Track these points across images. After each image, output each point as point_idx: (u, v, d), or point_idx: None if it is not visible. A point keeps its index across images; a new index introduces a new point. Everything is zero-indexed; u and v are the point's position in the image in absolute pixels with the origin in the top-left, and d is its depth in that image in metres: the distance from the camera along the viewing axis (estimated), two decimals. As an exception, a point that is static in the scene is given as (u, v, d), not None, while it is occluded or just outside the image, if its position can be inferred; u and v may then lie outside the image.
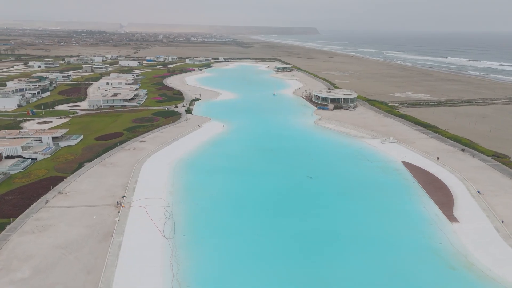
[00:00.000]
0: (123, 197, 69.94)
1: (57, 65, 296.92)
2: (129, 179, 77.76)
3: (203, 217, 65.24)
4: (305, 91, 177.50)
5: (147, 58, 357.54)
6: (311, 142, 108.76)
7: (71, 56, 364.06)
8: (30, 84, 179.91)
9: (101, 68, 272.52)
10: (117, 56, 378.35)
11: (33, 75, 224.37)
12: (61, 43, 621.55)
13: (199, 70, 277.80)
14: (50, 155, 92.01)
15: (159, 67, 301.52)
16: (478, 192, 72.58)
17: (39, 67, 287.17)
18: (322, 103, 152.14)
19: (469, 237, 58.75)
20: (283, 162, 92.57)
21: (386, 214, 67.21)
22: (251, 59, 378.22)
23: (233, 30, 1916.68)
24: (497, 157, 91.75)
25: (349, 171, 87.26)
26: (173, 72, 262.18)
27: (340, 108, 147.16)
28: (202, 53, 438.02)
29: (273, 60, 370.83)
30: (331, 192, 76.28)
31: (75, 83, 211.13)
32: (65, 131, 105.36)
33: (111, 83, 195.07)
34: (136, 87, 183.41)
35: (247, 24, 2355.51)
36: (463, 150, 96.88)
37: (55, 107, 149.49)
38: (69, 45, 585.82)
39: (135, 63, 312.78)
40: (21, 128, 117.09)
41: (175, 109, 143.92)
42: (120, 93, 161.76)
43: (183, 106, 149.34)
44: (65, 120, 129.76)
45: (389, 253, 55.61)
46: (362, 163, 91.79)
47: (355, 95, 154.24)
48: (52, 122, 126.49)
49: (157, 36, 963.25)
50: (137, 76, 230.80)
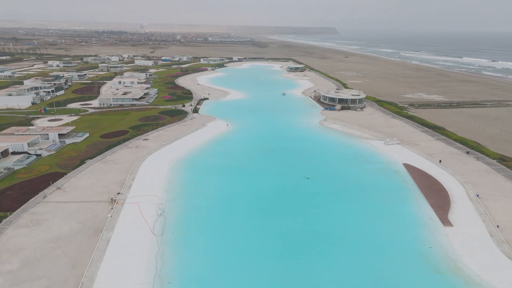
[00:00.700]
0: (119, 193, 71.21)
1: (75, 64, 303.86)
2: (127, 176, 79.11)
3: (195, 215, 65.84)
4: (314, 91, 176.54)
5: (163, 57, 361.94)
6: (313, 142, 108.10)
7: (89, 55, 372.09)
8: (45, 82, 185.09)
9: (117, 67, 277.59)
10: (134, 55, 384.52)
11: (50, 74, 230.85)
12: (82, 43, 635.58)
13: (212, 69, 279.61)
14: (54, 152, 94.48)
15: (173, 66, 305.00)
16: (477, 196, 70.77)
17: (57, 66, 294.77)
18: (329, 104, 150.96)
19: (461, 242, 57.38)
20: (282, 162, 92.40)
21: (379, 216, 66.30)
22: (265, 59, 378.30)
23: (251, 30, 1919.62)
24: (503, 160, 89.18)
25: (347, 172, 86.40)
26: (186, 71, 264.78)
27: (347, 108, 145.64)
28: (218, 53, 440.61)
29: (287, 60, 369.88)
30: (326, 193, 75.71)
31: (90, 82, 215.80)
32: (71, 128, 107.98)
33: (124, 82, 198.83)
34: (147, 86, 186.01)
35: (265, 24, 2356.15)
36: (468, 152, 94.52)
37: (67, 105, 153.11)
38: (90, 45, 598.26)
39: (150, 63, 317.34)
40: (32, 125, 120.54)
41: (183, 108, 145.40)
42: (130, 92, 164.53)
43: (191, 105, 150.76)
44: (75, 117, 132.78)
45: (376, 255, 54.86)
46: (362, 164, 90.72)
47: (363, 96, 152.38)
48: (62, 119, 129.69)
49: (175, 36, 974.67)
50: (150, 75, 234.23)
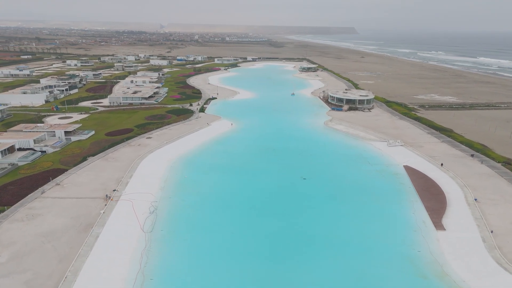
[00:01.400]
0: (114, 190, 72.54)
1: (92, 64, 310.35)
2: (125, 174, 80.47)
3: (186, 213, 66.48)
4: (323, 91, 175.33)
5: (178, 57, 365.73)
6: (316, 143, 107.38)
7: (107, 55, 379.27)
8: (60, 81, 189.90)
9: (131, 66, 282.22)
10: (150, 55, 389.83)
11: (66, 73, 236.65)
12: (102, 43, 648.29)
13: (224, 69, 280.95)
14: (59, 149, 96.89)
15: (187, 66, 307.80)
16: (475, 200, 69.04)
17: (75, 65, 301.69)
18: (337, 104, 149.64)
19: (451, 246, 56.08)
20: (282, 162, 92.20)
21: (371, 218, 65.45)
22: (279, 59, 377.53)
23: (270, 30, 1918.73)
24: (508, 164, 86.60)
25: (345, 173, 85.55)
26: (198, 71, 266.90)
27: (355, 109, 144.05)
28: (233, 53, 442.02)
29: (302, 60, 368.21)
30: (321, 194, 75.16)
31: (104, 81, 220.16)
32: (77, 126, 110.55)
33: (136, 81, 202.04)
34: (157, 85, 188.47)
35: (284, 24, 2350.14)
36: (472, 155, 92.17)
37: (78, 104, 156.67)
38: (109, 45, 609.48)
39: (165, 62, 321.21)
40: (42, 122, 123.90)
41: (190, 108, 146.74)
42: (140, 91, 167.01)
43: (198, 104, 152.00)
44: (85, 115, 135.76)
45: (361, 258, 54.21)
46: (361, 166, 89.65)
47: (371, 96, 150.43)
48: (72, 117, 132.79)
49: (193, 36, 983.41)
50: (162, 74, 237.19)
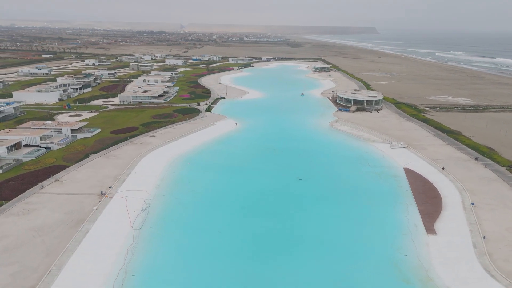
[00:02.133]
0: (110, 187, 73.91)
1: (109, 63, 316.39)
2: (123, 171, 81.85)
3: (177, 212, 67.19)
4: (332, 92, 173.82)
5: (193, 57, 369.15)
6: (318, 144, 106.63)
7: (124, 54, 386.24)
8: (74, 80, 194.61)
9: (146, 66, 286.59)
10: (166, 55, 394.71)
11: (82, 72, 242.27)
12: (122, 43, 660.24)
13: (237, 69, 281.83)
14: (64, 146, 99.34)
15: (202, 66, 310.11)
16: (472, 204, 67.19)
17: (93, 64, 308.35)
18: (344, 105, 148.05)
19: (440, 251, 54.81)
20: (280, 162, 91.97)
21: (362, 220, 64.64)
22: (294, 59, 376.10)
23: (288, 30, 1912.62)
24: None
25: (343, 175, 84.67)
26: (211, 71, 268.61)
27: (362, 110, 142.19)
28: (250, 53, 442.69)
29: (316, 60, 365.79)
30: (315, 195, 74.61)
31: (118, 79, 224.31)
32: (84, 124, 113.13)
33: (148, 81, 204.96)
34: (168, 84, 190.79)
35: (303, 23, 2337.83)
36: (476, 159, 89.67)
37: (90, 102, 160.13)
38: (128, 45, 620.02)
39: (180, 62, 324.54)
40: (53, 120, 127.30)
41: (197, 107, 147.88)
42: (150, 90, 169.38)
43: (206, 104, 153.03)
44: (95, 114, 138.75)
45: (346, 261, 53.65)
46: (360, 167, 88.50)
47: (380, 97, 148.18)
48: (82, 115, 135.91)
49: (211, 36, 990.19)
50: (175, 74, 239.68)
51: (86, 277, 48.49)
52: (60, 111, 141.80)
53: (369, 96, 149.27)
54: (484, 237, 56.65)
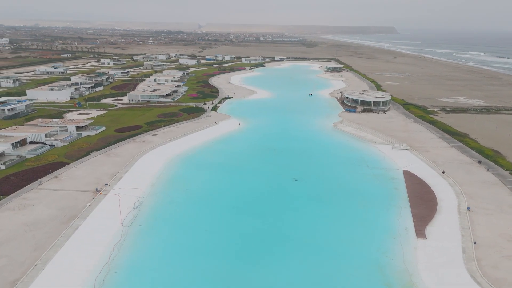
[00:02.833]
0: (106, 184, 75.11)
1: (124, 62, 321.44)
2: (121, 169, 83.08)
3: (168, 210, 67.76)
4: (340, 92, 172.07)
5: (207, 57, 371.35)
6: (319, 144, 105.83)
7: (139, 54, 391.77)
8: (87, 79, 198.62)
9: (159, 65, 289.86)
10: (181, 54, 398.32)
11: (96, 71, 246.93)
12: (139, 42, 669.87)
13: (249, 69, 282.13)
14: (68, 143, 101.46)
15: (214, 65, 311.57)
16: (467, 208, 65.52)
17: (108, 64, 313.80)
18: (351, 105, 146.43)
19: (427, 256, 53.62)
20: (278, 162, 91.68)
21: (352, 222, 63.86)
22: (307, 59, 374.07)
23: (306, 29, 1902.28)
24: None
25: (340, 176, 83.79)
26: (223, 70, 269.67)
27: (369, 111, 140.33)
28: (265, 53, 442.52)
29: (330, 60, 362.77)
30: (308, 196, 74.06)
31: (130, 79, 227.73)
32: (89, 122, 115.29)
33: (158, 80, 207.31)
34: (178, 84, 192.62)
35: (321, 23, 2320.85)
36: (480, 162, 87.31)
37: (100, 101, 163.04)
38: (145, 44, 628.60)
39: (193, 62, 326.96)
40: (62, 117, 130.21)
41: (203, 106, 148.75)
42: (159, 89, 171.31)
43: (212, 103, 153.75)
44: (103, 112, 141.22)
45: (330, 263, 53.11)
46: (359, 169, 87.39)
47: (388, 98, 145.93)
48: (91, 113, 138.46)
49: (228, 36, 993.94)
50: (186, 73, 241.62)
51: (69, 272, 49.43)
52: (70, 109, 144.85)
53: (377, 96, 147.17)
54: (475, 243, 55.17)
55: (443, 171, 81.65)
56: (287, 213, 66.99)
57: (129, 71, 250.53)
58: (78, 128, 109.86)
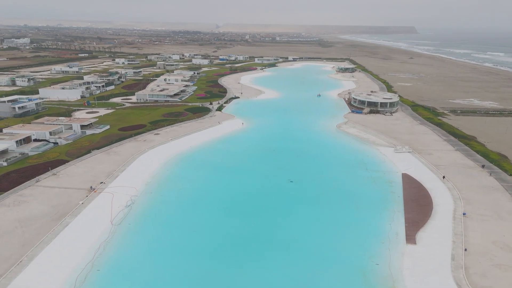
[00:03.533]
0: (101, 183, 76.03)
1: (138, 62, 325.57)
2: (118, 167, 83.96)
3: (159, 209, 68.00)
4: (348, 93, 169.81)
5: (220, 57, 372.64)
6: (320, 145, 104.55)
7: (154, 54, 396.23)
8: (98, 78, 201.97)
9: (172, 65, 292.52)
10: (195, 54, 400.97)
11: (109, 70, 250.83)
12: (156, 42, 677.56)
13: (260, 69, 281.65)
14: (72, 141, 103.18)
15: (226, 65, 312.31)
16: (463, 214, 63.54)
17: (123, 63, 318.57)
18: (358, 107, 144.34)
19: (414, 262, 52.16)
20: (276, 163, 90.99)
21: (342, 226, 62.76)
22: (321, 59, 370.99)
23: (323, 29, 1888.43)
24: (521, 177, 78.40)
25: (337, 178, 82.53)
26: (234, 71, 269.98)
27: (376, 112, 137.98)
28: (279, 53, 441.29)
29: (344, 60, 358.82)
30: (301, 198, 73.20)
31: (141, 78, 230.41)
32: (94, 120, 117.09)
33: (168, 79, 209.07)
34: (187, 83, 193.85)
35: (339, 23, 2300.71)
36: (483, 166, 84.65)
37: (110, 100, 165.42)
38: (162, 44, 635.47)
39: (206, 62, 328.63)
40: (71, 116, 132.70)
41: (209, 106, 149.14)
42: (167, 89, 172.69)
43: (218, 103, 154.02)
44: (110, 111, 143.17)
45: (314, 267, 52.15)
46: (357, 171, 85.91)
47: (396, 99, 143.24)
48: (98, 112, 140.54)
49: (244, 36, 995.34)
50: (197, 73, 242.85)
51: (52, 269, 50.11)
52: (79, 108, 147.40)
53: (384, 98, 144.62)
54: (465, 250, 53.42)
55: (444, 176, 79.37)
56: (278, 215, 66.32)
57: (141, 71, 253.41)
58: (82, 126, 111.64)
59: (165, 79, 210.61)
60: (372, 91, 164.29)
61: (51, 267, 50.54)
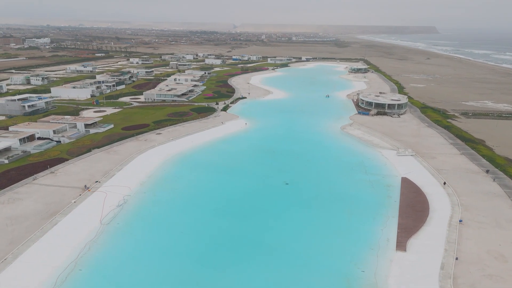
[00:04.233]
0: (97, 182, 76.54)
1: (151, 62, 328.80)
2: (116, 167, 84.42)
3: (150, 209, 67.81)
4: (357, 94, 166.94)
5: (233, 57, 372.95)
6: (321, 147, 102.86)
7: (168, 54, 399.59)
8: (109, 77, 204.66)
9: (185, 65, 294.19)
10: (209, 54, 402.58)
11: (122, 70, 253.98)
12: (172, 42, 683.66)
13: (272, 69, 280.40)
14: (74, 140, 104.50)
15: (239, 65, 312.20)
16: (460, 221, 61.20)
17: (137, 63, 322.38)
18: (365, 108, 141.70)
19: (402, 270, 50.34)
20: (274, 165, 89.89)
21: (333, 230, 61.27)
22: (335, 59, 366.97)
23: (341, 29, 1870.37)
24: (527, 183, 75.13)
25: (334, 181, 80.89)
26: (245, 71, 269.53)
27: (383, 114, 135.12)
28: (293, 53, 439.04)
29: (358, 60, 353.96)
30: (295, 201, 71.90)
31: (152, 78, 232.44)
32: (98, 119, 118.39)
33: (178, 79, 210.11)
34: (196, 83, 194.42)
35: (357, 23, 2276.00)
36: (487, 171, 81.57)
37: (118, 99, 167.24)
38: (178, 44, 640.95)
39: (218, 62, 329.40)
40: (78, 114, 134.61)
41: (215, 106, 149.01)
42: (175, 89, 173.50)
43: (224, 103, 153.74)
44: (117, 110, 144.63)
45: (298, 272, 50.92)
46: (356, 175, 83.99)
47: (404, 101, 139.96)
48: (106, 111, 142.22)
49: (260, 36, 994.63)
50: (208, 73, 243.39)
51: (35, 268, 50.37)
52: (87, 107, 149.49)
53: (392, 99, 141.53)
54: (456, 258, 51.30)
55: (444, 182, 76.56)
56: (269, 218, 65.31)
57: (153, 70, 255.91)
58: (86, 125, 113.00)
59: (175, 79, 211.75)
60: (380, 92, 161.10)
61: (34, 266, 50.86)
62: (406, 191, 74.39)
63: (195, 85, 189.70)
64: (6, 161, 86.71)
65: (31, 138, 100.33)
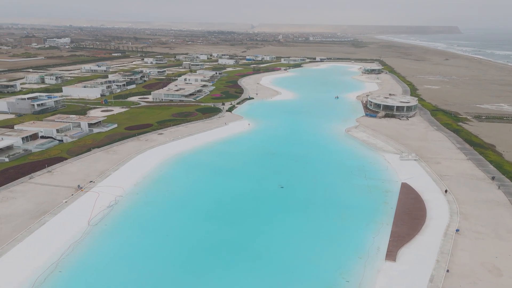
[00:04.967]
0: (91, 182, 76.60)
1: (165, 62, 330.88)
2: (112, 167, 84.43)
3: (140, 211, 67.21)
4: (366, 95, 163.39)
5: (247, 57, 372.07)
6: (323, 150, 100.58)
7: (182, 53, 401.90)
8: (121, 77, 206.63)
9: (197, 65, 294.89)
10: (223, 54, 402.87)
11: (135, 69, 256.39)
12: (189, 42, 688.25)
13: (284, 70, 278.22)
14: (76, 139, 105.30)
15: (251, 66, 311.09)
16: (456, 231, 58.33)
17: (151, 63, 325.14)
18: (373, 110, 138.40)
19: (388, 281, 48.08)
20: (272, 167, 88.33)
21: (323, 237, 59.30)
22: (350, 60, 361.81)
23: (360, 29, 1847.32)
24: (534, 192, 71.28)
25: (331, 186, 78.68)
26: (257, 71, 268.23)
27: (391, 116, 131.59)
28: (309, 53, 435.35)
29: (374, 61, 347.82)
30: (288, 205, 70.20)
31: (164, 78, 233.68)
32: (102, 119, 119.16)
33: (188, 79, 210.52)
34: (204, 83, 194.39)
35: (376, 23, 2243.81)
36: (493, 178, 77.91)
37: (127, 98, 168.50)
38: (194, 44, 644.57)
39: (231, 62, 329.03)
40: (86, 114, 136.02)
41: (221, 107, 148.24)
42: (183, 89, 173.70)
43: (230, 104, 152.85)
44: (125, 110, 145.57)
45: (279, 279, 49.33)
46: (355, 179, 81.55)
47: (413, 103, 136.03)
48: (113, 110, 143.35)
49: (277, 36, 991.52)
50: (218, 73, 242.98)
51: (16, 268, 50.31)
52: (95, 106, 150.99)
53: (401, 101, 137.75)
54: (447, 271, 48.70)
55: (446, 190, 73.31)
56: (259, 222, 63.86)
57: (165, 70, 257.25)
58: (90, 124, 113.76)
59: (185, 79, 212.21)
60: (390, 94, 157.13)
61: (15, 265, 50.83)
62: (404, 197, 71.67)
63: (204, 85, 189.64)
64: (6, 160, 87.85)
65: (34, 136, 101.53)
